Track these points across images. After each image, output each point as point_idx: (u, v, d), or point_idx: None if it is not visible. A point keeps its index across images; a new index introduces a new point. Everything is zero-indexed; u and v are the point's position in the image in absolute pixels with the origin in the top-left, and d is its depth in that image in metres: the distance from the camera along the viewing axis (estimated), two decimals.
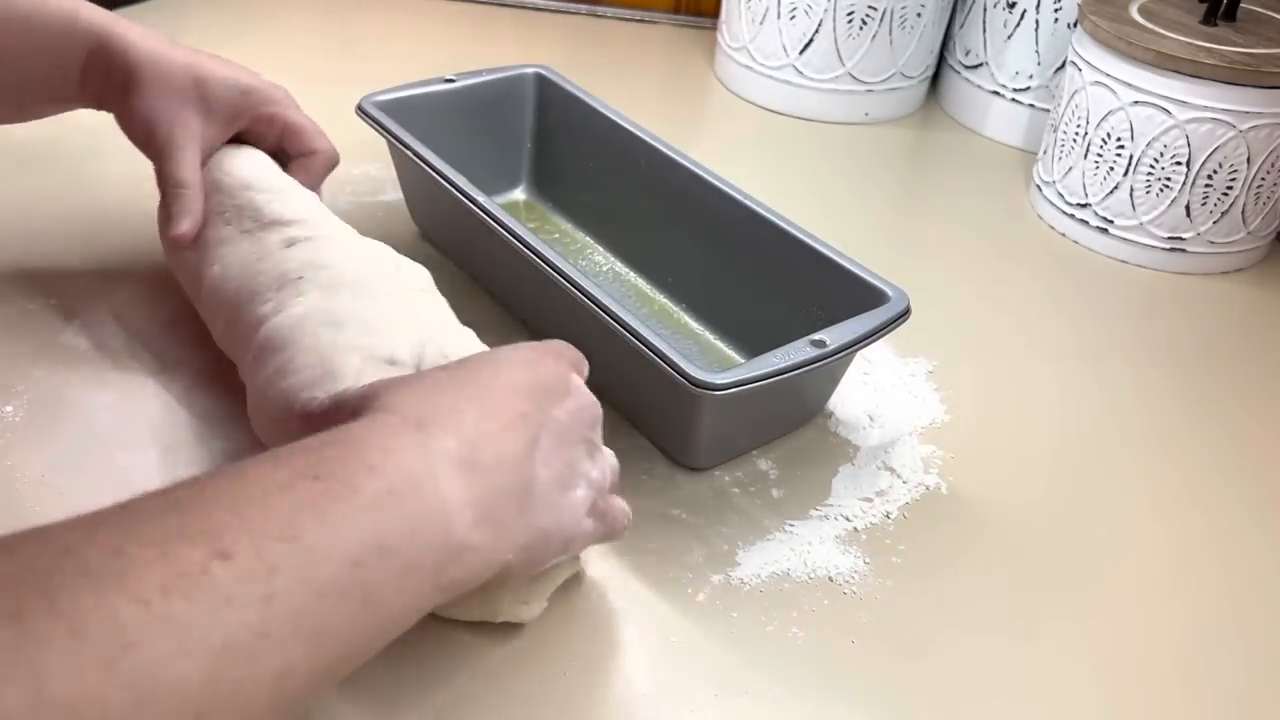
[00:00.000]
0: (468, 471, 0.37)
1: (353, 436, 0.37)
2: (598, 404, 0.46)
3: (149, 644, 0.28)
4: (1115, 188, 0.81)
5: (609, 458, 0.47)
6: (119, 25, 0.58)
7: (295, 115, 0.62)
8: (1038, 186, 0.88)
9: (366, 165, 0.80)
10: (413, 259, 0.72)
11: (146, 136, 0.57)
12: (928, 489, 0.59)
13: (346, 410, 0.41)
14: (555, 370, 0.44)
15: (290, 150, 0.62)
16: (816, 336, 0.54)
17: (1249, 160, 0.77)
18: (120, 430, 0.55)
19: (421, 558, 0.35)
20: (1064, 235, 0.85)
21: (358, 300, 0.50)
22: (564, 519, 0.43)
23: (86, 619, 0.27)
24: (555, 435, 0.42)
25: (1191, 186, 0.78)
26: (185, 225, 0.55)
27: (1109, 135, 0.80)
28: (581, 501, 0.44)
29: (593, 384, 0.63)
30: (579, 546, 0.45)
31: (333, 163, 0.64)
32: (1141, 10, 0.81)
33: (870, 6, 0.92)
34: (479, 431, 0.39)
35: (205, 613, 0.29)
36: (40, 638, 0.26)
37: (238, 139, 0.61)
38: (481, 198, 0.62)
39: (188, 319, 0.60)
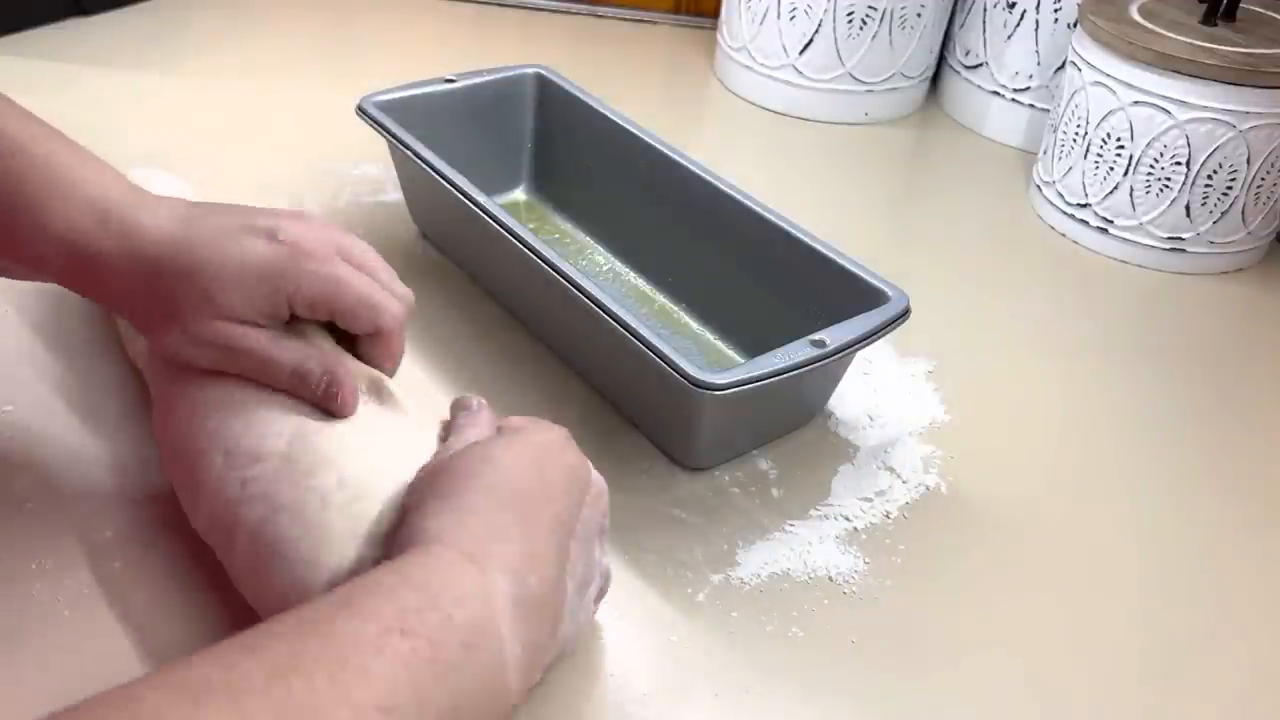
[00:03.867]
0: (523, 611, 0.38)
1: (428, 577, 0.36)
2: (605, 487, 0.46)
3: None
4: (1115, 188, 0.81)
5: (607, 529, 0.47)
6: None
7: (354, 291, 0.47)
8: (1038, 186, 0.88)
9: (366, 165, 0.80)
10: (412, 259, 0.72)
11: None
12: (928, 489, 0.59)
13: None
14: (578, 459, 0.44)
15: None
16: (816, 336, 0.54)
17: (1249, 160, 0.77)
18: None
19: (484, 707, 0.36)
20: (1064, 235, 0.85)
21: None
22: (580, 619, 0.44)
23: None
24: (582, 536, 0.42)
25: (1191, 186, 0.78)
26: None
27: (1109, 135, 0.80)
28: (594, 593, 0.45)
29: (593, 384, 0.63)
30: (585, 635, 0.46)
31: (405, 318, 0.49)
32: (1141, 10, 0.81)
33: (870, 6, 0.92)
34: (524, 558, 0.38)
35: None
36: None
37: None
38: (482, 198, 0.62)
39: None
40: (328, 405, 0.46)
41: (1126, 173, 0.80)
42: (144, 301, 0.46)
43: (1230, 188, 0.78)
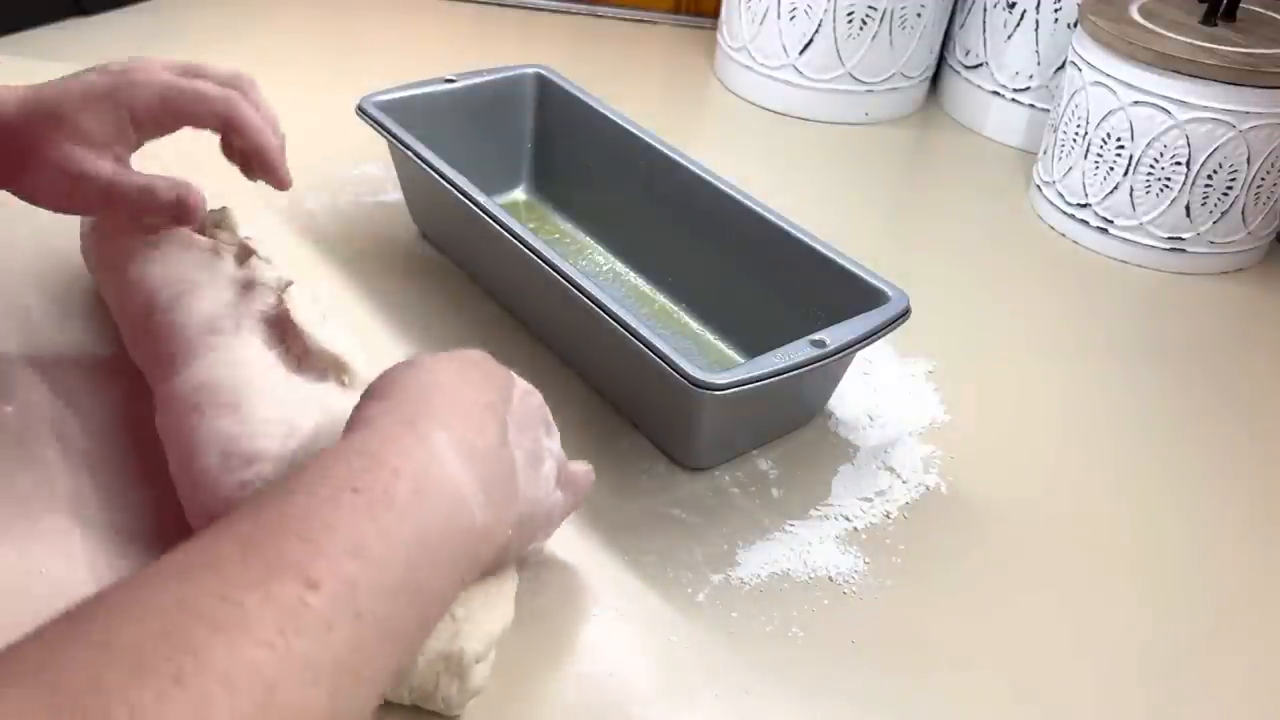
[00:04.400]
0: (467, 458, 0.39)
1: (367, 444, 0.38)
2: (530, 385, 0.47)
3: (286, 683, 0.30)
4: (1115, 188, 0.81)
5: (557, 432, 0.48)
6: None
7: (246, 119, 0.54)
8: (1038, 186, 0.88)
9: (366, 165, 0.80)
10: (412, 259, 0.72)
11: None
12: (928, 489, 0.59)
13: None
14: (497, 365, 0.46)
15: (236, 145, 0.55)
16: (816, 336, 0.54)
17: (1249, 160, 0.77)
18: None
19: (452, 542, 0.37)
20: (1064, 235, 0.85)
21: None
22: (540, 496, 0.45)
23: (231, 670, 0.29)
24: (517, 421, 0.44)
25: (1191, 186, 0.78)
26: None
27: (1109, 135, 0.80)
28: (550, 474, 0.46)
29: (593, 384, 0.63)
30: (559, 517, 0.48)
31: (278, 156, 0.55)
32: (1141, 10, 0.81)
33: (870, 6, 0.92)
34: (462, 420, 0.40)
35: (317, 643, 0.31)
36: (204, 695, 0.28)
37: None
38: (482, 198, 0.62)
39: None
40: (179, 214, 0.51)
41: (1126, 173, 0.80)
42: (6, 154, 0.51)
43: (1230, 188, 0.78)
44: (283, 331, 0.51)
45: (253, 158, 0.54)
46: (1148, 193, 0.79)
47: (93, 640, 0.28)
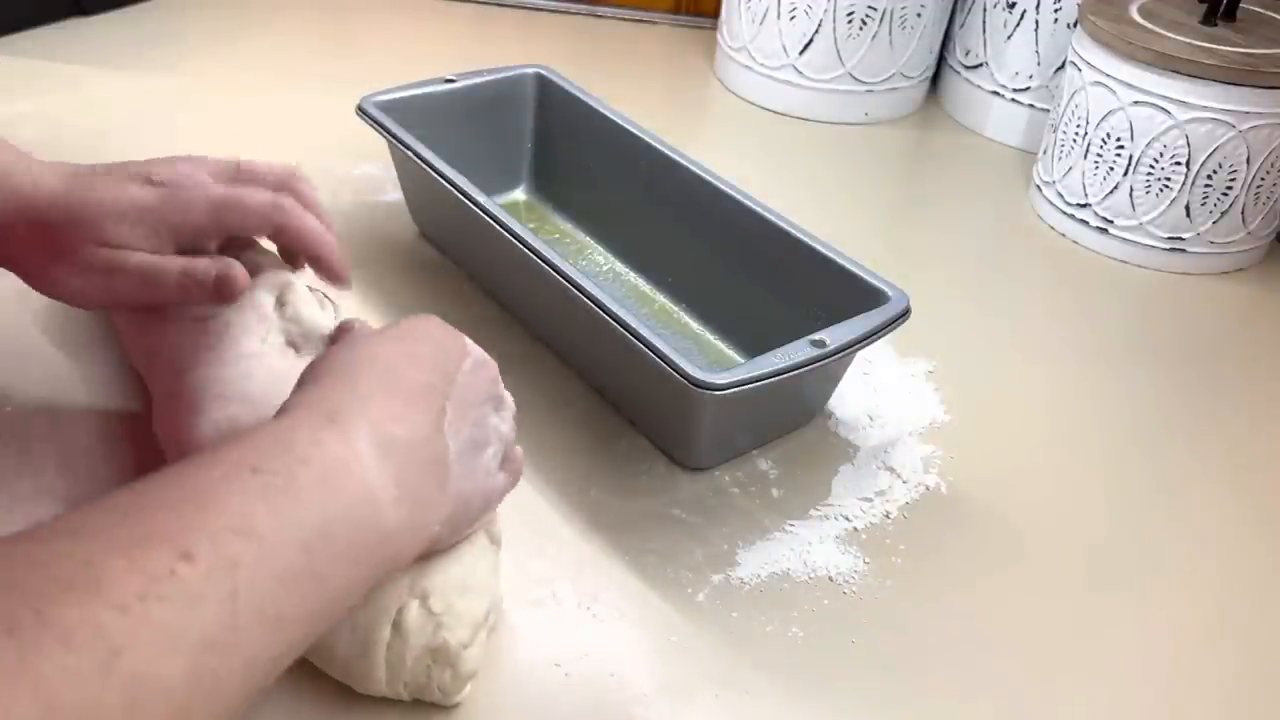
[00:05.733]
0: (383, 454, 0.38)
1: (279, 432, 0.37)
2: (491, 360, 0.47)
3: (136, 648, 0.29)
4: (1115, 188, 0.81)
5: (510, 404, 0.47)
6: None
7: (299, 224, 0.51)
8: (1038, 187, 0.88)
9: (366, 165, 0.80)
10: (412, 259, 0.72)
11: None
12: (928, 489, 0.59)
13: None
14: (448, 335, 0.45)
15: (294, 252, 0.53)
16: (816, 336, 0.54)
17: (1249, 160, 0.77)
18: None
19: (359, 538, 0.36)
20: (1064, 235, 0.85)
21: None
22: (479, 480, 0.43)
23: (74, 629, 0.28)
24: (462, 400, 0.43)
25: (1191, 186, 0.78)
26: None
27: (1109, 135, 0.80)
28: (493, 458, 0.45)
29: (593, 384, 0.63)
30: (496, 502, 0.46)
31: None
32: (1141, 10, 0.81)
33: (870, 6, 0.92)
34: (386, 414, 0.39)
35: (180, 613, 0.30)
36: (37, 649, 0.27)
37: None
38: (481, 198, 0.62)
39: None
40: (221, 292, 0.48)
41: (1126, 173, 0.80)
42: (33, 250, 0.49)
43: (1230, 188, 0.78)
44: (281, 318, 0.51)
45: (309, 262, 0.52)
46: (1148, 193, 0.79)
47: None
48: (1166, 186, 0.79)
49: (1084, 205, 0.83)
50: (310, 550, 0.34)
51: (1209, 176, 0.78)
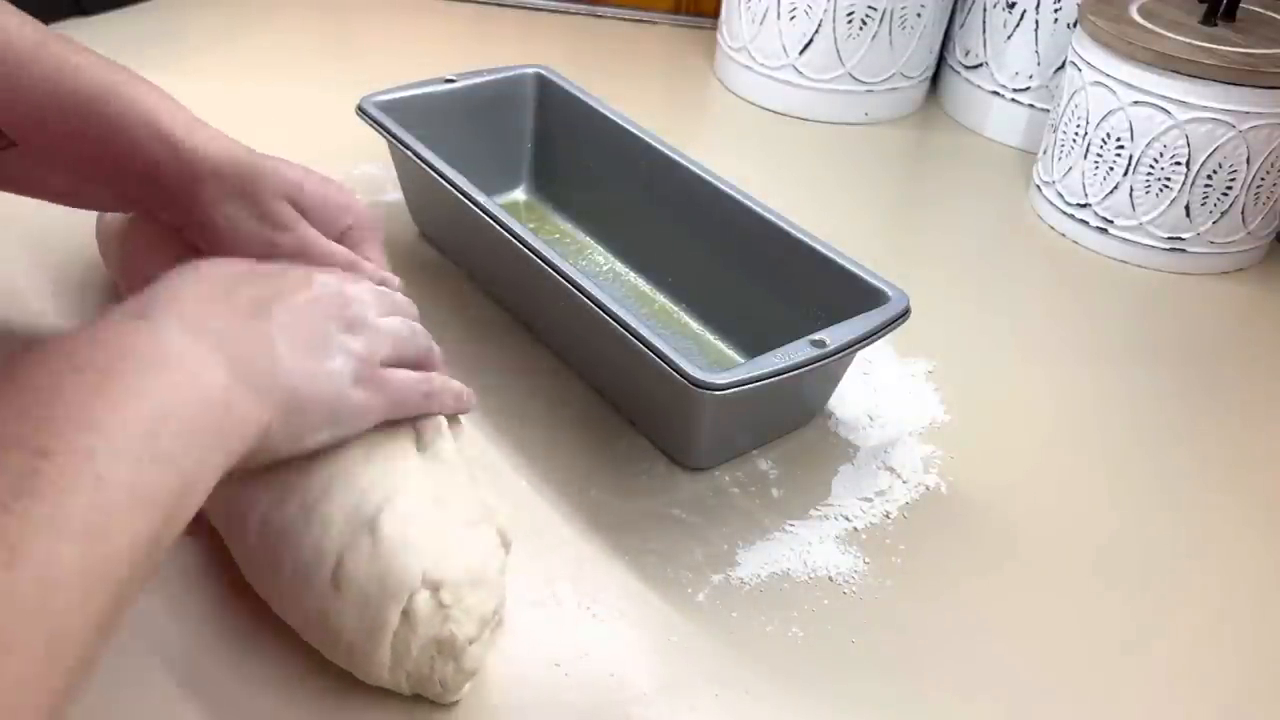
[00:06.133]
0: (196, 339, 0.39)
1: (94, 332, 0.38)
2: (351, 295, 0.47)
3: (29, 541, 0.30)
4: (1115, 188, 0.81)
5: (393, 327, 0.47)
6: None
7: (371, 253, 0.55)
8: (1037, 187, 0.88)
9: (366, 165, 0.80)
10: (412, 259, 0.72)
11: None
12: (927, 489, 0.59)
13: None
14: (294, 272, 0.46)
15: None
16: (816, 336, 0.54)
17: (1249, 160, 0.77)
18: None
19: (199, 417, 0.37)
20: (1064, 235, 0.85)
21: None
22: (320, 385, 0.43)
23: None
24: (292, 310, 0.44)
25: (1191, 186, 0.78)
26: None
27: (1109, 135, 0.80)
28: (341, 371, 0.44)
29: (593, 384, 0.63)
30: (351, 417, 0.45)
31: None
32: (1141, 10, 0.81)
33: (870, 6, 0.92)
34: (199, 311, 0.40)
35: (55, 505, 0.31)
36: None
37: None
38: (481, 198, 0.62)
39: None
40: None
41: (1126, 173, 0.80)
42: (224, 189, 0.51)
43: (1230, 188, 0.78)
44: None
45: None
46: (1147, 193, 0.79)
47: None
48: (1166, 186, 0.79)
49: (1084, 205, 0.83)
50: (155, 434, 0.35)
51: (1209, 176, 0.78)
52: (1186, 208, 0.79)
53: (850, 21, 0.92)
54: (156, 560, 0.35)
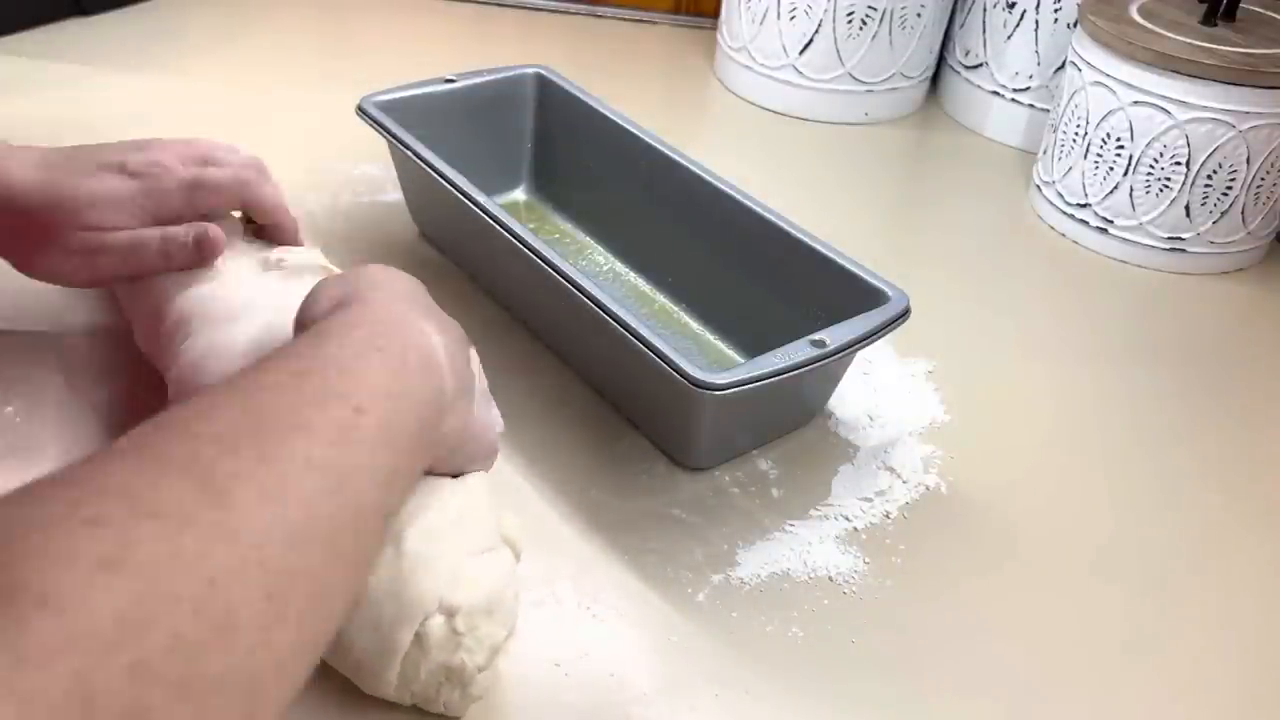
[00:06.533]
0: (446, 354, 0.42)
1: (380, 317, 0.41)
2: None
3: (353, 479, 0.34)
4: (1115, 188, 0.81)
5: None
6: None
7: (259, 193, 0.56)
8: (1037, 187, 0.88)
9: (366, 165, 0.80)
10: (413, 259, 0.72)
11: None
12: (928, 489, 0.59)
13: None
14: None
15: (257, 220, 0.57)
16: (816, 336, 0.54)
17: (1249, 160, 0.77)
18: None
19: (434, 416, 0.40)
20: (1064, 235, 0.85)
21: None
22: (489, 423, 0.47)
23: (311, 456, 0.33)
24: (474, 358, 0.47)
25: (1191, 186, 0.78)
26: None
27: (1109, 135, 0.80)
28: (496, 420, 0.48)
29: (593, 384, 0.63)
30: (492, 455, 0.48)
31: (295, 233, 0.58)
32: (1141, 10, 0.81)
33: (870, 6, 0.92)
34: (439, 326, 0.43)
35: (368, 457, 0.35)
36: (283, 479, 0.32)
37: None
38: (481, 198, 0.62)
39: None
40: (202, 252, 0.52)
41: (1126, 173, 0.80)
42: (16, 237, 0.52)
43: (1230, 188, 0.78)
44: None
45: (270, 231, 0.57)
46: (1147, 193, 0.80)
47: (188, 432, 0.32)
48: (1166, 186, 0.79)
49: (1084, 205, 0.83)
50: (422, 420, 0.39)
51: (1209, 176, 0.78)
52: (1186, 208, 0.79)
53: (850, 21, 0.92)
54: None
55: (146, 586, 0.26)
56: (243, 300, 0.51)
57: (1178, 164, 0.78)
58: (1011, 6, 0.93)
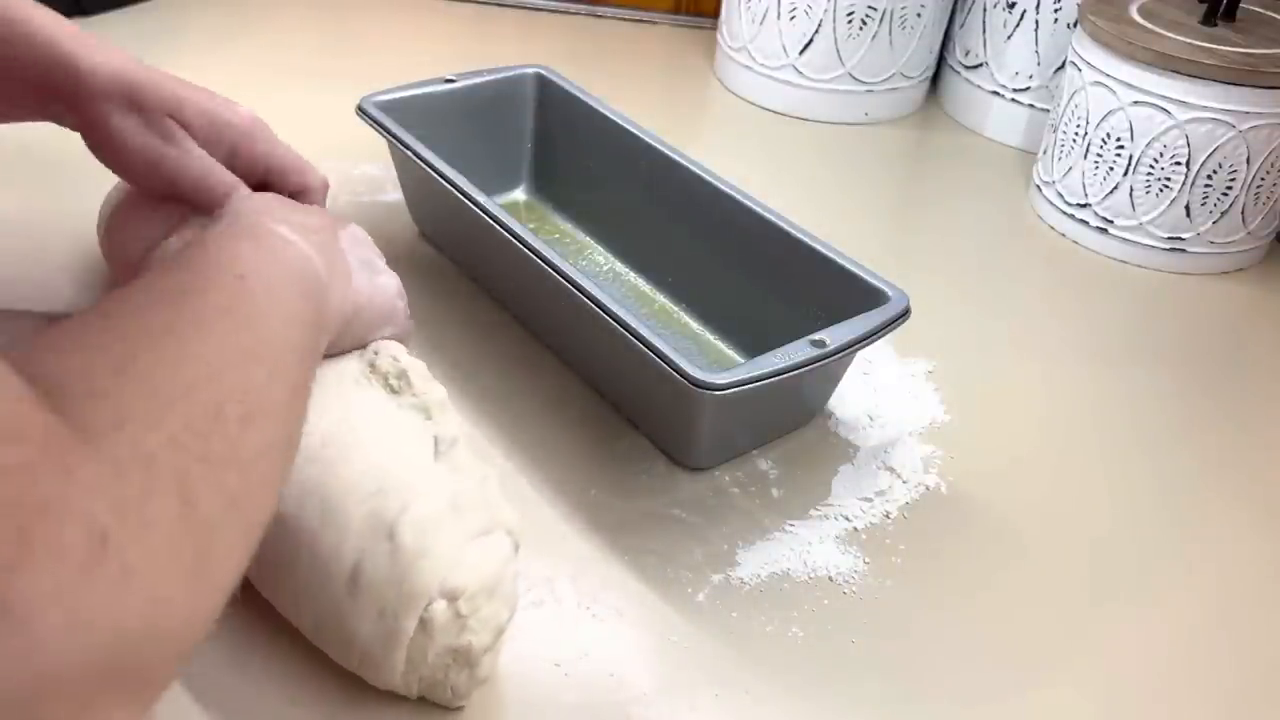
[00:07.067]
0: (301, 235, 0.46)
1: (220, 231, 0.46)
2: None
3: (263, 318, 0.39)
4: (1115, 188, 0.81)
5: (387, 272, 0.55)
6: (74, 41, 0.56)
7: (279, 151, 0.57)
8: (1037, 187, 0.88)
9: (366, 165, 0.80)
10: (412, 259, 0.72)
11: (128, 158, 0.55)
12: (927, 489, 0.59)
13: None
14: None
15: (279, 189, 0.57)
16: (816, 336, 0.54)
17: (1249, 160, 0.77)
18: None
19: (311, 287, 0.44)
20: (1064, 235, 0.85)
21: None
22: (377, 296, 0.51)
23: (217, 306, 0.38)
24: (345, 236, 0.52)
25: (1191, 186, 0.78)
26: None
27: (1109, 135, 0.80)
28: (389, 285, 0.53)
29: (593, 384, 0.63)
30: (399, 323, 0.53)
31: (325, 193, 0.60)
32: (1141, 10, 0.81)
33: (870, 6, 0.92)
34: (295, 217, 0.48)
35: (266, 302, 0.40)
36: (199, 323, 0.36)
37: None
38: (481, 198, 0.62)
39: None
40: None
41: (1126, 173, 0.80)
42: (109, 100, 0.55)
43: (1230, 188, 0.78)
44: None
45: (276, 175, 0.58)
46: (1147, 193, 0.80)
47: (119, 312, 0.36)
48: (1166, 186, 0.79)
49: (1084, 205, 0.83)
50: (302, 292, 0.43)
51: (1209, 176, 0.78)
52: (1186, 208, 0.79)
53: (850, 21, 0.92)
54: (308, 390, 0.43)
55: (154, 384, 0.32)
56: None
57: (1178, 164, 0.78)
58: (1011, 6, 0.93)
